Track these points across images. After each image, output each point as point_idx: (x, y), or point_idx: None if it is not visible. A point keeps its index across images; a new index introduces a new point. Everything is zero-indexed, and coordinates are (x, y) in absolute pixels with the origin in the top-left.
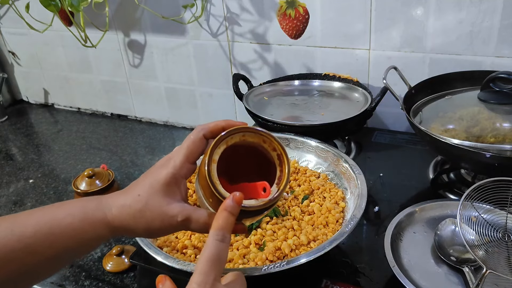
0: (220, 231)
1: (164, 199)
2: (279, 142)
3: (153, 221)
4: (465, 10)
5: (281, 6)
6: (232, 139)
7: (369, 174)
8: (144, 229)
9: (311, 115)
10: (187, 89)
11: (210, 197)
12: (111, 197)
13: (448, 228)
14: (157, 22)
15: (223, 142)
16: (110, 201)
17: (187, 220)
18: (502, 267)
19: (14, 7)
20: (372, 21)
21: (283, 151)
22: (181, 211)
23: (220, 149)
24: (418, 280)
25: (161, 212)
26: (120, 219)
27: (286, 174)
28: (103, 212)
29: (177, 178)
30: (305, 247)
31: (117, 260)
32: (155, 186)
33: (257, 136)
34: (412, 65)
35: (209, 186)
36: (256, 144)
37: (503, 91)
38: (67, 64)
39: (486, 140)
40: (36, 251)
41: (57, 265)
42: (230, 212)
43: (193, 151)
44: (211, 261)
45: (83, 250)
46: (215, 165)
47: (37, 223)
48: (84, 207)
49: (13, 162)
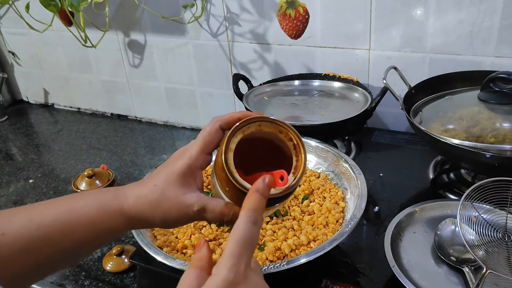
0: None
1: (180, 189)
2: (296, 132)
3: (169, 211)
4: (465, 10)
5: (281, 6)
6: (249, 129)
7: (369, 174)
8: (160, 218)
9: (311, 115)
10: (187, 89)
11: (226, 186)
12: (127, 187)
13: (448, 228)
14: (157, 22)
15: (240, 131)
16: (127, 191)
17: (203, 210)
18: (502, 267)
19: (14, 7)
20: (372, 21)
21: (300, 141)
22: (197, 201)
23: (237, 138)
24: (418, 280)
25: (177, 201)
26: (137, 209)
27: (302, 163)
28: (120, 202)
29: (192, 169)
30: (305, 247)
31: (117, 260)
32: (171, 177)
33: (273, 126)
34: (412, 65)
35: (226, 175)
36: (272, 135)
37: (503, 91)
38: (67, 64)
39: (486, 140)
40: (54, 241)
41: (73, 258)
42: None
43: (208, 142)
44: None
45: (99, 241)
46: (231, 154)
47: (55, 213)
48: (100, 197)
49: (13, 162)
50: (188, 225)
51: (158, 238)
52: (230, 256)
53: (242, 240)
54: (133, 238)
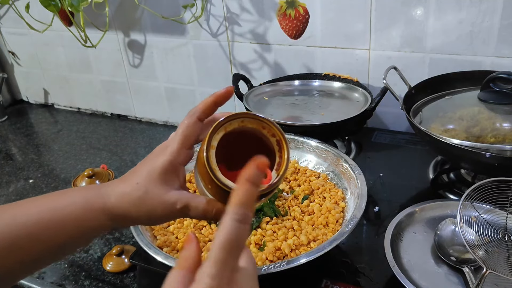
0: (239, 208)
1: (163, 187)
2: (279, 128)
3: (154, 209)
4: (465, 10)
5: (281, 6)
6: (231, 125)
7: (369, 174)
8: (145, 216)
9: (311, 115)
10: (187, 89)
11: (209, 184)
12: (109, 185)
13: (448, 228)
14: (157, 22)
15: (222, 128)
16: (109, 190)
17: (186, 208)
18: (502, 267)
19: (14, 7)
20: (372, 21)
21: (283, 137)
22: (180, 199)
23: (219, 135)
24: (418, 280)
25: (160, 200)
26: (120, 207)
27: (285, 160)
28: (103, 200)
29: (174, 165)
30: (305, 247)
31: (117, 260)
32: (153, 174)
33: (256, 122)
34: (412, 65)
35: (207, 173)
36: (255, 131)
37: (503, 91)
38: (67, 64)
39: (486, 140)
40: (40, 239)
41: (60, 255)
42: (253, 182)
43: (188, 136)
44: (228, 248)
45: (86, 239)
46: (213, 151)
47: (40, 211)
48: (85, 195)
49: (13, 162)
50: (188, 225)
51: (158, 238)
52: (213, 263)
53: (227, 243)
54: (133, 238)
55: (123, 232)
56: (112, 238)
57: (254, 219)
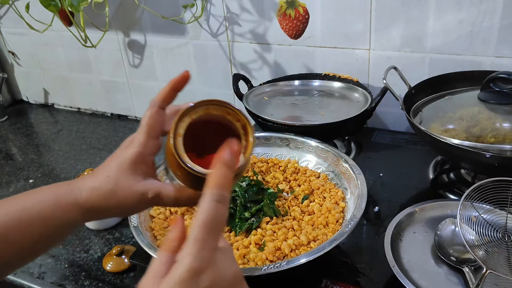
0: (217, 189)
1: (133, 177)
2: (243, 112)
3: (125, 200)
4: (465, 10)
5: (281, 6)
6: (196, 113)
7: (369, 174)
8: (117, 208)
9: (311, 115)
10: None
11: (178, 170)
12: (79, 181)
13: (448, 228)
14: (157, 22)
15: (187, 116)
16: (79, 185)
17: (158, 196)
18: (502, 267)
19: (14, 7)
20: (372, 21)
21: (247, 121)
22: (151, 188)
23: (185, 123)
24: (418, 280)
25: (132, 190)
26: (92, 201)
27: (251, 143)
28: (74, 196)
29: (143, 156)
30: (305, 247)
31: (117, 260)
32: (123, 166)
33: (221, 108)
34: (412, 65)
35: (176, 159)
36: (221, 117)
37: (503, 91)
38: (67, 64)
39: (486, 140)
40: (11, 240)
41: (34, 254)
42: (228, 165)
43: (152, 126)
44: (209, 227)
45: (58, 236)
46: (180, 139)
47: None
48: (55, 192)
49: (13, 162)
50: (188, 225)
51: (158, 238)
52: (194, 242)
53: (207, 222)
54: (133, 238)
55: (123, 232)
56: (112, 238)
57: (254, 219)
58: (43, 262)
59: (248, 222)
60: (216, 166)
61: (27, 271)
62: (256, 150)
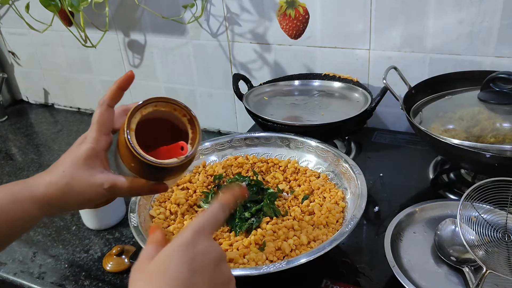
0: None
1: (88, 171)
2: (188, 107)
3: (82, 193)
4: (465, 10)
5: (281, 6)
6: (146, 109)
7: (369, 174)
8: (74, 201)
9: (311, 115)
10: (187, 89)
11: (131, 162)
12: (35, 177)
13: (448, 228)
14: (157, 22)
15: (138, 112)
16: (36, 181)
17: (113, 187)
18: (502, 267)
19: (14, 7)
20: (372, 21)
21: (193, 115)
22: (106, 179)
23: (136, 118)
24: (418, 280)
25: (88, 183)
26: (49, 195)
27: (198, 134)
28: (31, 191)
29: (96, 151)
30: (305, 247)
31: (117, 260)
32: (78, 161)
33: (168, 105)
34: (412, 65)
35: (130, 151)
36: (168, 113)
37: (503, 91)
38: (67, 64)
39: (486, 140)
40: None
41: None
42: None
43: (103, 123)
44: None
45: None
46: (133, 133)
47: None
48: (11, 189)
49: (13, 162)
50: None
51: None
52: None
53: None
54: (133, 238)
55: (123, 232)
56: (112, 238)
57: (254, 219)
58: (43, 262)
59: (248, 222)
60: (228, 193)
61: (27, 271)
62: (256, 150)
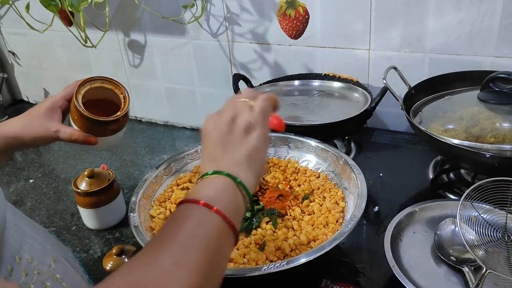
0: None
1: (45, 117)
2: (125, 87)
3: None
4: (465, 10)
5: (281, 6)
6: (94, 83)
7: (369, 174)
8: (30, 137)
9: (311, 115)
10: (187, 89)
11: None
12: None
13: (448, 228)
14: (157, 22)
15: (88, 84)
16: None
17: (58, 131)
18: (502, 267)
19: (14, 7)
20: (372, 21)
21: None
22: (55, 125)
23: (85, 88)
24: (418, 280)
25: (42, 125)
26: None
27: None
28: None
29: (55, 107)
30: (305, 247)
31: (117, 260)
32: (39, 110)
33: (111, 84)
34: (412, 65)
35: (77, 109)
36: (110, 90)
37: (503, 91)
38: (67, 64)
39: (486, 140)
40: None
41: None
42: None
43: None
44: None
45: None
46: (80, 97)
47: None
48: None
49: (13, 162)
50: None
51: None
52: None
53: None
54: (133, 238)
55: (123, 232)
56: (112, 238)
57: (254, 219)
58: None
59: (248, 222)
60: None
61: None
62: None
